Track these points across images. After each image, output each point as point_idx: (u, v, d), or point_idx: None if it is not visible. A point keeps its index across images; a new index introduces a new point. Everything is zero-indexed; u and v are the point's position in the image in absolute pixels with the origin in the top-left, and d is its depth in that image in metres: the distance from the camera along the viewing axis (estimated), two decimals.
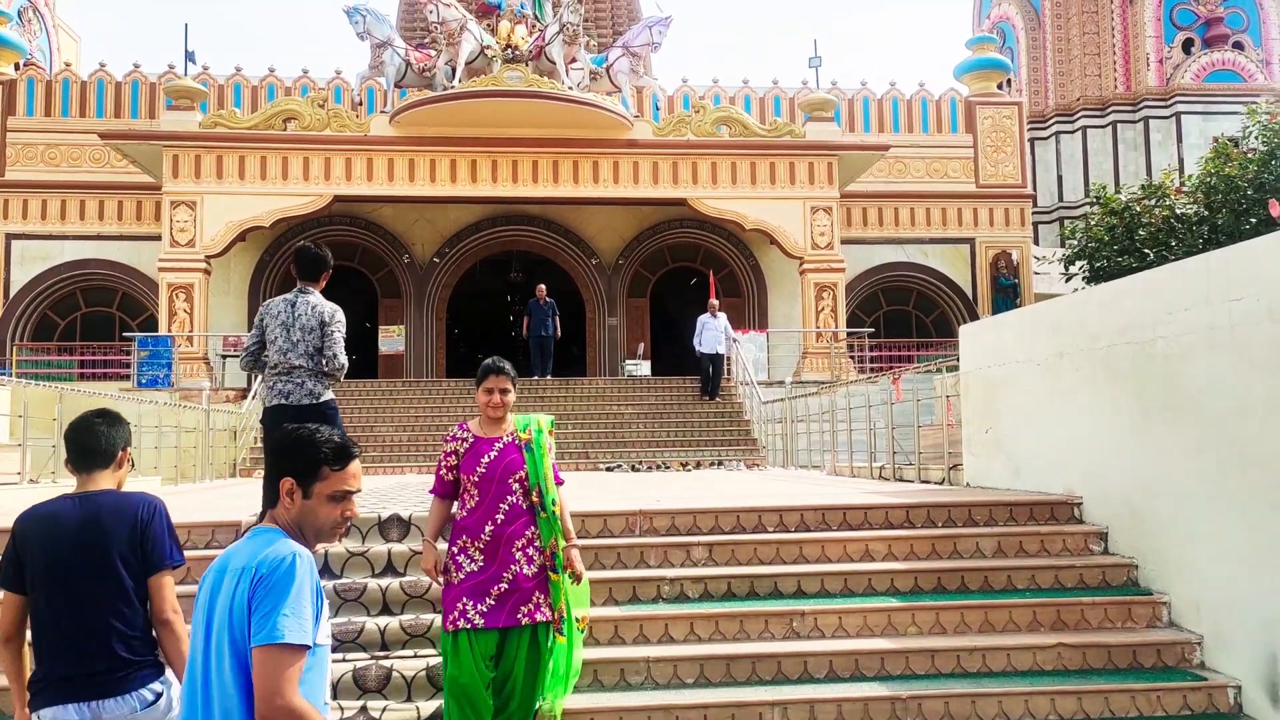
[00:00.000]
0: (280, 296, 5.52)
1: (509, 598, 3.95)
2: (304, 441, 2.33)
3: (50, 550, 3.05)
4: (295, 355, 5.31)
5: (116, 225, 20.54)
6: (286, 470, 2.32)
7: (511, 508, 4.03)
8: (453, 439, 4.23)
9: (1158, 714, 4.76)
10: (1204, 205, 19.81)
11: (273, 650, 2.06)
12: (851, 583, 5.53)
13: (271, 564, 2.16)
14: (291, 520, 2.31)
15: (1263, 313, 4.58)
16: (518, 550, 3.99)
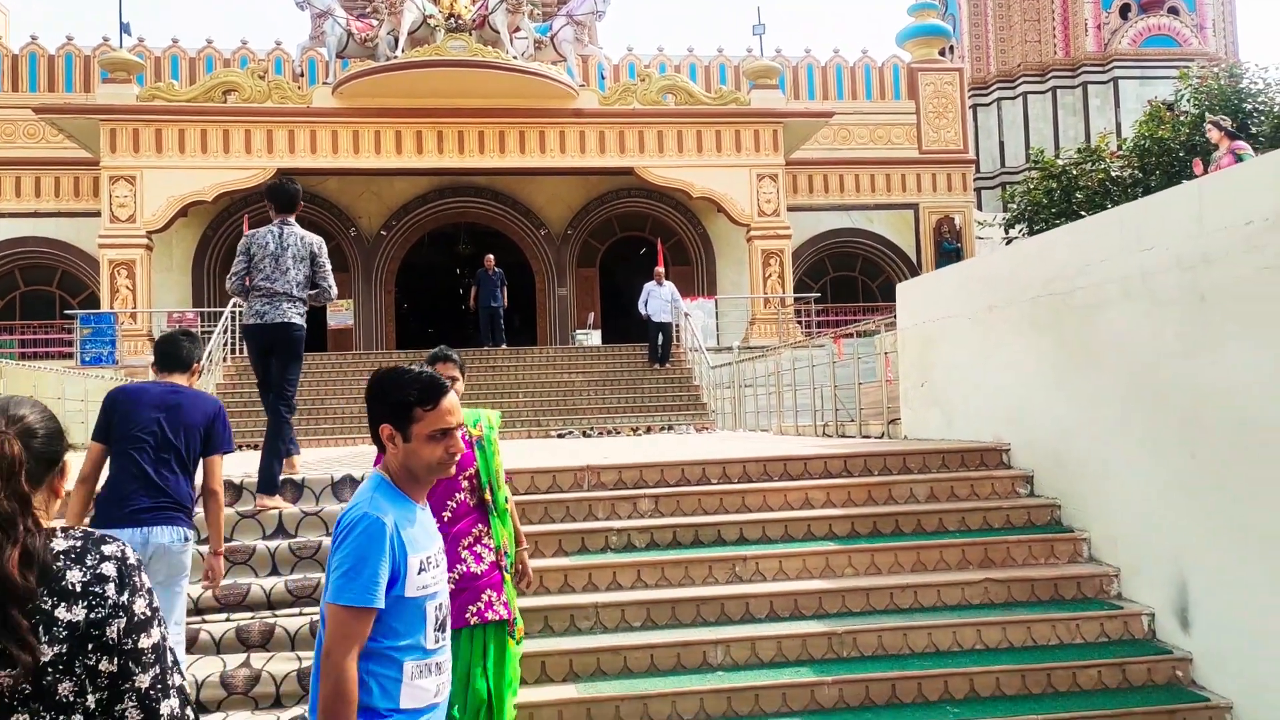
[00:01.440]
0: (265, 228, 5.80)
1: (456, 597, 3.68)
2: (391, 384, 2.32)
3: (139, 414, 4.04)
4: (282, 283, 5.69)
5: (54, 202, 20.15)
6: (383, 416, 2.31)
7: (459, 505, 3.82)
8: None
9: (1077, 641, 5.06)
10: (1138, 168, 20.36)
11: (334, 609, 2.14)
12: (792, 529, 5.76)
13: (343, 522, 2.22)
14: (400, 464, 2.32)
15: (1171, 261, 4.85)
16: (464, 549, 3.78)
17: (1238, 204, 4.42)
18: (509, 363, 17.36)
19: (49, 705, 1.48)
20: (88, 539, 1.60)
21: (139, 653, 1.56)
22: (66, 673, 1.50)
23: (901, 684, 4.72)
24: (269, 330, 5.68)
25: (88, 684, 1.52)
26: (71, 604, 1.52)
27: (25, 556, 1.49)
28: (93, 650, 1.52)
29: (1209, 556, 4.75)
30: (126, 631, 1.56)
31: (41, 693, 1.48)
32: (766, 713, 4.60)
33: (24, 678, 1.45)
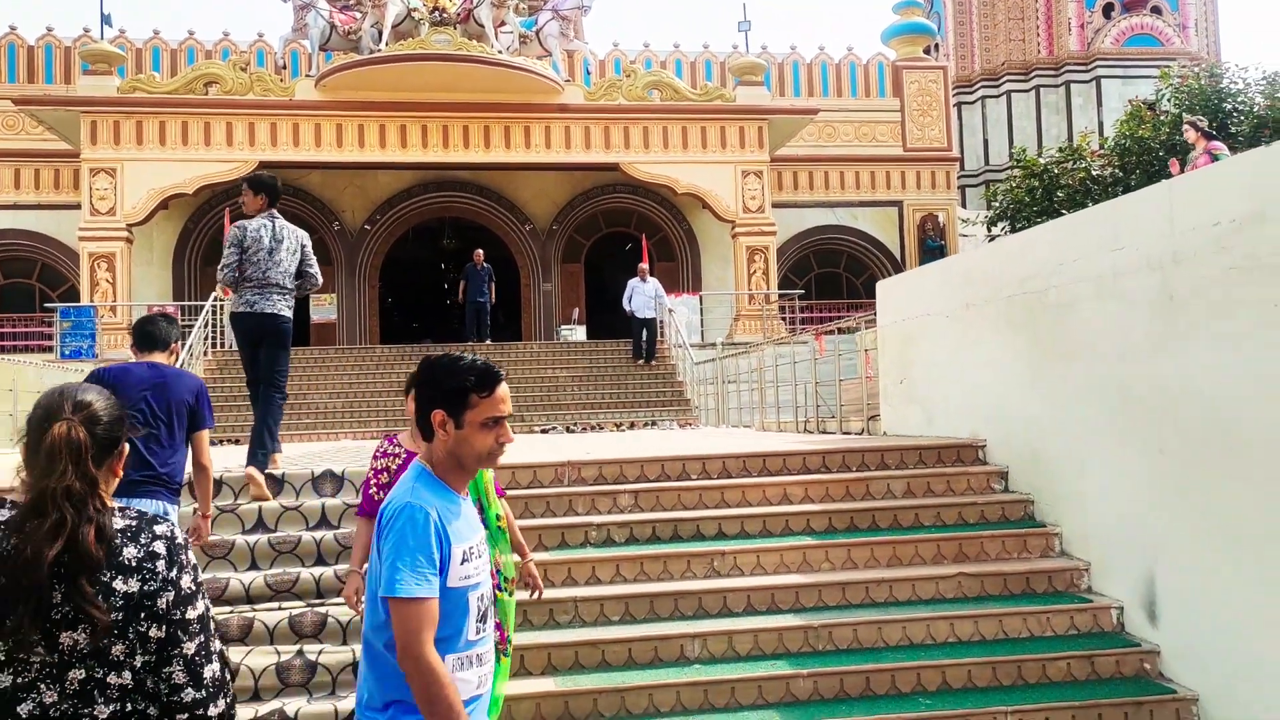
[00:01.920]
0: (255, 220, 5.97)
1: None
2: (446, 370, 2.29)
3: (127, 394, 4.06)
4: (276, 274, 5.94)
5: (34, 194, 20.00)
6: (437, 401, 2.28)
7: None
8: (382, 454, 3.87)
9: (1047, 634, 5.14)
10: (1119, 167, 20.52)
11: (397, 603, 2.12)
12: (770, 524, 5.81)
13: (389, 512, 2.21)
14: (448, 451, 2.30)
15: (1142, 261, 4.93)
16: None
17: (1207, 205, 4.49)
18: (493, 358, 17.21)
19: (102, 663, 1.72)
20: (142, 519, 1.83)
21: (186, 623, 1.79)
22: (120, 636, 1.73)
23: (875, 676, 4.79)
24: (259, 319, 5.91)
25: (137, 647, 1.74)
26: (127, 577, 1.74)
27: (99, 532, 1.71)
28: (144, 619, 1.75)
29: (1176, 551, 4.83)
30: (175, 604, 1.78)
31: (97, 651, 1.71)
32: (742, 705, 4.66)
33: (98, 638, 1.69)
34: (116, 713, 1.74)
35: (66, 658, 1.71)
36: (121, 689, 1.74)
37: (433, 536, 2.17)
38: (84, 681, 1.72)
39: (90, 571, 1.69)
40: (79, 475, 1.74)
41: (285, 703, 4.42)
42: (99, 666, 1.73)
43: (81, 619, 1.70)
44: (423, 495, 2.23)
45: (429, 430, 2.30)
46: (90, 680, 1.72)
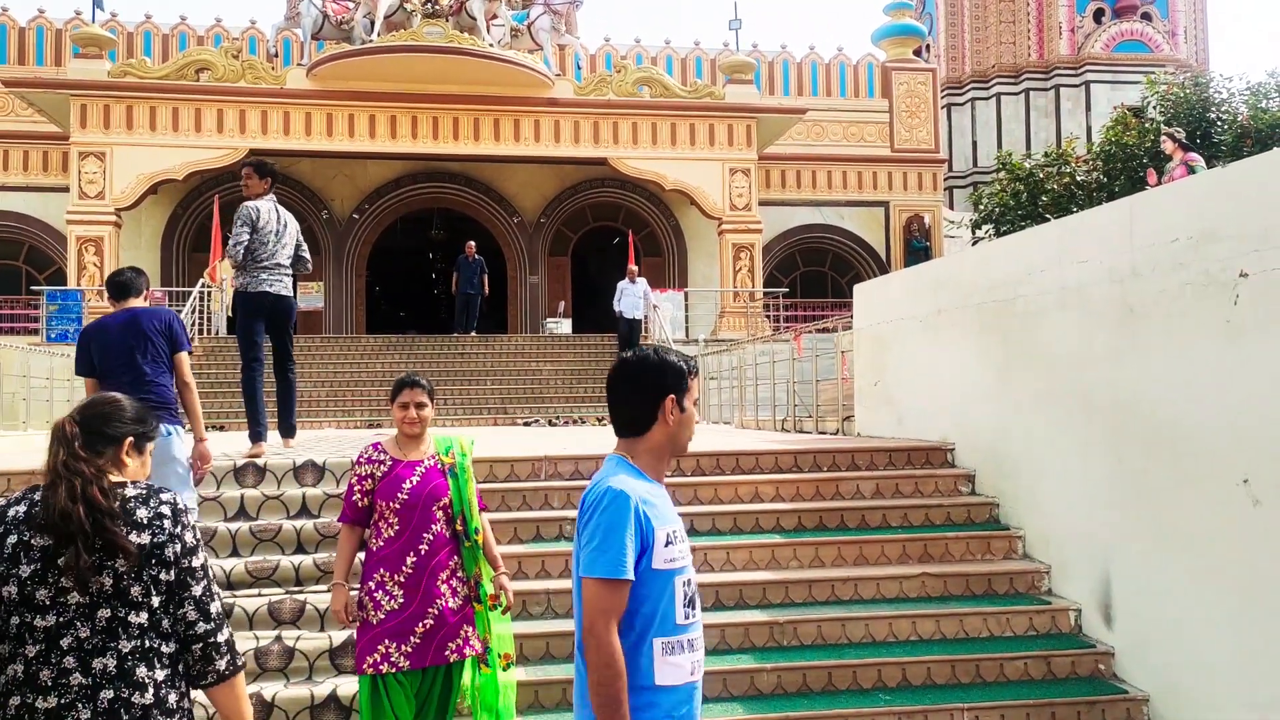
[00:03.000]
0: (260, 204, 6.42)
1: (435, 634, 3.66)
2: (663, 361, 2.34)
3: (111, 340, 4.73)
4: (282, 256, 6.46)
5: (22, 176, 19.96)
6: (668, 388, 2.32)
7: (436, 537, 3.71)
8: (367, 460, 3.81)
9: (1006, 634, 5.30)
10: (1103, 173, 20.73)
11: (589, 583, 2.16)
12: (741, 522, 5.95)
13: (592, 498, 2.24)
14: (669, 436, 2.33)
15: (1104, 273, 5.08)
16: (442, 583, 3.69)
17: (1165, 222, 4.64)
18: (478, 350, 17.45)
19: (125, 603, 2.15)
20: (150, 489, 2.29)
21: (192, 569, 2.23)
22: (136, 579, 2.17)
23: (837, 672, 4.94)
24: (274, 299, 6.46)
25: (152, 588, 2.18)
26: (140, 531, 2.19)
27: (101, 491, 2.17)
28: (156, 565, 2.19)
29: (1131, 555, 4.99)
30: (182, 554, 2.22)
31: (120, 593, 2.15)
32: (707, 698, 4.78)
33: (120, 581, 2.14)
34: (136, 648, 2.16)
35: (96, 599, 2.14)
36: (140, 627, 2.16)
37: (633, 520, 2.19)
38: (109, 619, 2.14)
39: (110, 518, 2.14)
40: (69, 455, 2.22)
41: (263, 687, 4.54)
42: (121, 606, 2.15)
43: (106, 566, 2.13)
44: (625, 481, 2.24)
45: (645, 422, 2.33)
46: (115, 618, 2.15)
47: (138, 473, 2.40)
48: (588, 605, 2.17)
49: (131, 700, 2.15)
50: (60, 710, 2.13)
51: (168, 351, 4.82)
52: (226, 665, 2.32)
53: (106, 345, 4.78)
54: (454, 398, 15.61)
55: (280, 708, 4.43)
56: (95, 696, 2.13)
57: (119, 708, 2.14)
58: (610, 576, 2.15)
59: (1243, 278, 4.12)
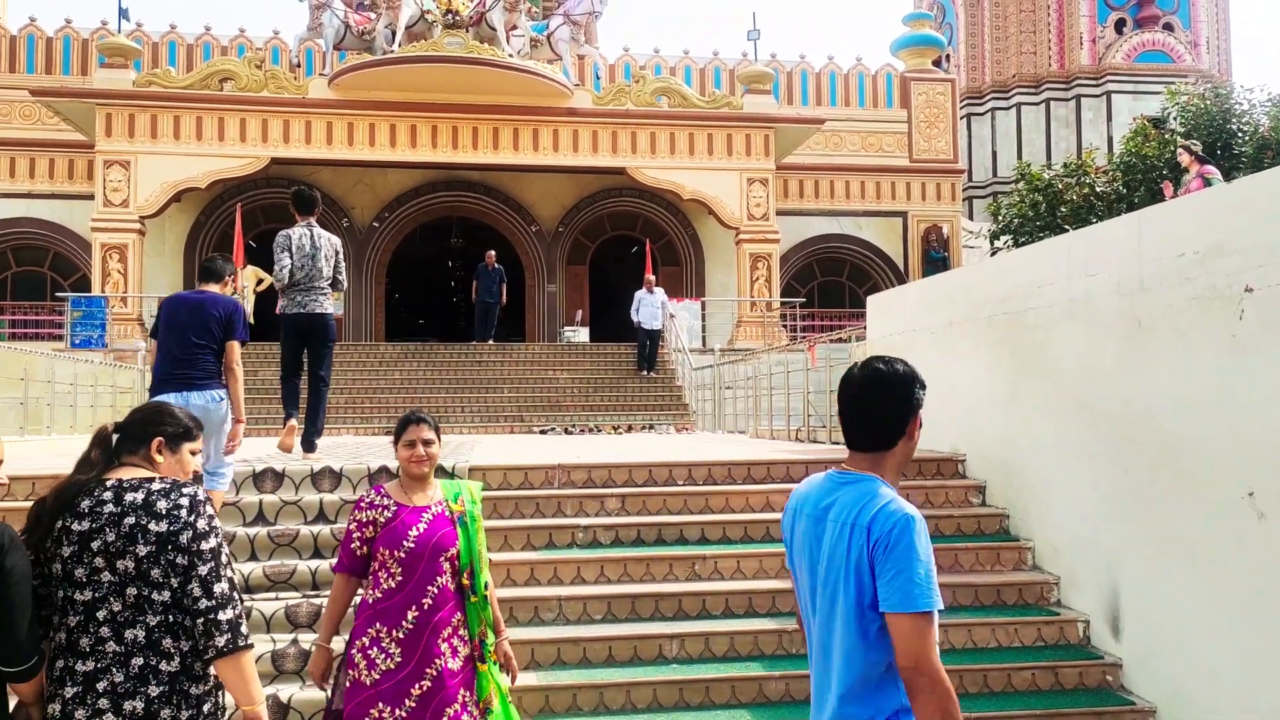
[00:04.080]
0: (296, 230, 6.90)
1: (431, 699, 3.32)
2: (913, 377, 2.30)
3: (177, 314, 5.38)
4: (320, 278, 6.90)
5: (48, 184, 20.27)
6: (914, 409, 2.27)
7: (441, 591, 3.41)
8: (368, 505, 3.51)
9: (1015, 645, 5.33)
10: (1123, 184, 20.65)
11: (910, 618, 2.05)
12: (751, 530, 6.01)
13: (886, 525, 2.11)
14: (905, 456, 2.29)
15: (1112, 287, 5.11)
16: (443, 641, 3.38)
17: (1172, 237, 4.68)
18: (496, 358, 17.58)
19: (147, 583, 2.46)
20: (174, 485, 2.57)
21: (200, 552, 2.49)
22: (155, 563, 2.46)
23: None
24: (310, 319, 6.89)
25: (169, 571, 2.47)
26: (159, 520, 2.48)
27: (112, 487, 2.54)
28: (171, 550, 2.47)
29: (1139, 567, 5.01)
30: (192, 539, 2.49)
31: (143, 574, 2.45)
32: (716, 704, 4.85)
33: (141, 564, 2.46)
34: (162, 622, 2.48)
35: (123, 578, 2.45)
36: (164, 604, 2.47)
37: (926, 547, 2.12)
38: (137, 596, 2.46)
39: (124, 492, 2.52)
40: (102, 453, 2.65)
41: (279, 689, 4.62)
42: (145, 585, 2.46)
43: (129, 550, 2.45)
44: (904, 504, 2.15)
45: (893, 437, 2.27)
46: (141, 596, 2.46)
47: (171, 470, 2.68)
48: (911, 641, 2.04)
49: (159, 667, 2.46)
50: (96, 674, 2.43)
51: (221, 337, 5.37)
52: (226, 642, 2.49)
53: (173, 317, 5.43)
54: (471, 405, 15.72)
55: (296, 709, 4.52)
56: (127, 663, 2.44)
57: (148, 674, 2.45)
58: (934, 609, 2.05)
59: (1248, 292, 4.15)
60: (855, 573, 2.14)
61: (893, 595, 2.07)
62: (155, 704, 2.44)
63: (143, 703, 2.43)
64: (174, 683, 2.46)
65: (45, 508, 2.54)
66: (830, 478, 2.31)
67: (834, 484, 2.29)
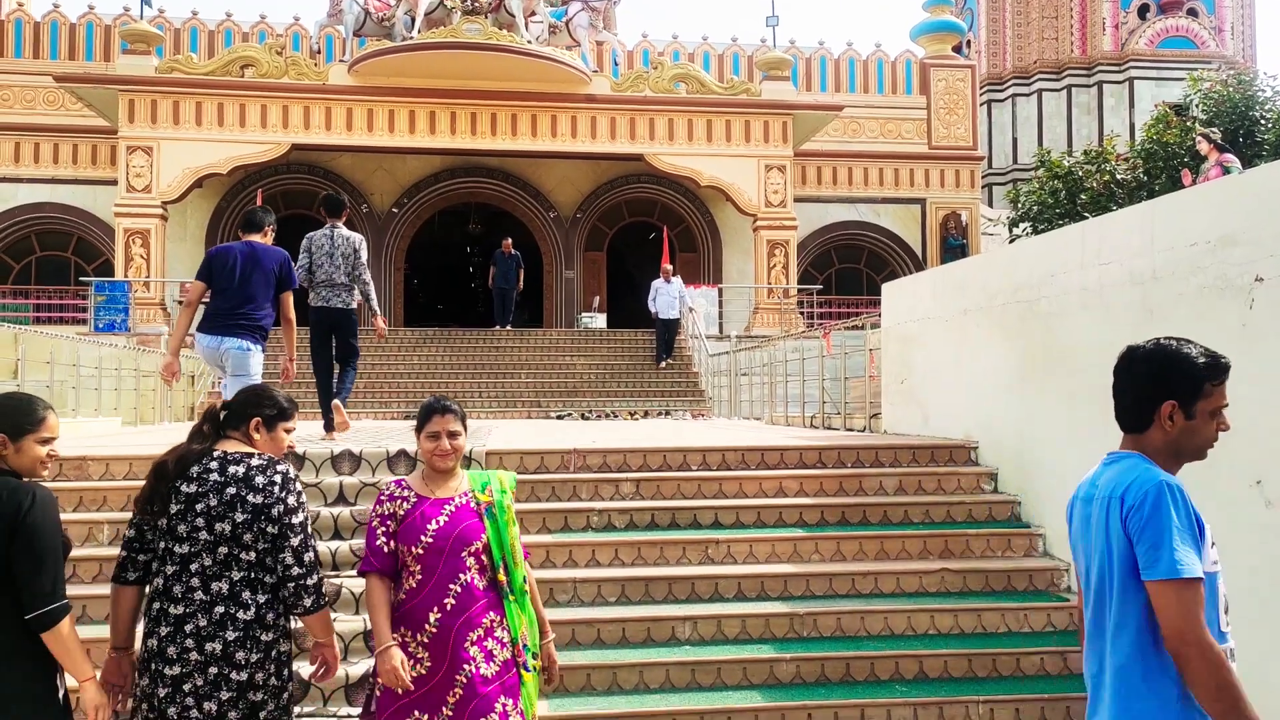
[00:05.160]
0: (318, 232, 7.39)
1: (465, 707, 3.09)
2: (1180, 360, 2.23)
3: (226, 263, 5.96)
4: (338, 275, 7.34)
5: (71, 169, 20.50)
6: (1168, 392, 2.22)
7: (465, 589, 3.16)
8: (389, 497, 3.29)
9: (1024, 630, 5.38)
10: (1143, 171, 20.51)
11: (1170, 585, 2.02)
12: (764, 516, 6.08)
13: (1139, 495, 2.11)
14: (1167, 443, 2.24)
15: (1125, 276, 5.13)
16: (471, 644, 3.13)
17: (1184, 226, 4.70)
18: (514, 343, 17.69)
19: (239, 545, 2.91)
20: (270, 462, 3.02)
21: (292, 525, 2.96)
22: (248, 529, 2.91)
23: (855, 663, 5.05)
24: (333, 313, 7.39)
25: (259, 537, 2.92)
26: (256, 493, 2.93)
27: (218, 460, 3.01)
28: (264, 520, 2.92)
29: None
30: (284, 513, 2.95)
31: (236, 537, 2.90)
32: (727, 685, 4.94)
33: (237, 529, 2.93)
34: (244, 578, 2.92)
35: (217, 539, 2.90)
36: (249, 563, 2.92)
37: (1190, 514, 2.10)
38: (226, 555, 2.90)
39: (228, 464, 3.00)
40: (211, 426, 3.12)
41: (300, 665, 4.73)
42: (236, 547, 2.90)
43: (228, 516, 2.89)
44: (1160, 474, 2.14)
45: (1140, 422, 2.26)
46: (230, 555, 2.90)
47: (267, 447, 3.10)
48: (1173, 611, 2.02)
49: (236, 615, 2.89)
50: (184, 618, 2.87)
51: (275, 287, 5.97)
52: (312, 602, 3.04)
53: (224, 266, 5.94)
54: (489, 390, 15.85)
55: (316, 686, 4.63)
56: (210, 610, 2.87)
57: (226, 621, 2.88)
58: (1193, 576, 2.02)
59: (1259, 282, 4.18)
60: (1115, 547, 2.15)
61: (1150, 564, 2.06)
62: (231, 646, 2.87)
63: (220, 645, 2.86)
64: (248, 630, 2.89)
65: (167, 470, 2.97)
66: (1104, 460, 2.33)
67: (1104, 465, 2.30)
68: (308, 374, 7.92)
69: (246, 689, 2.90)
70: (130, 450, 6.29)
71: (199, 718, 2.85)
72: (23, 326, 13.24)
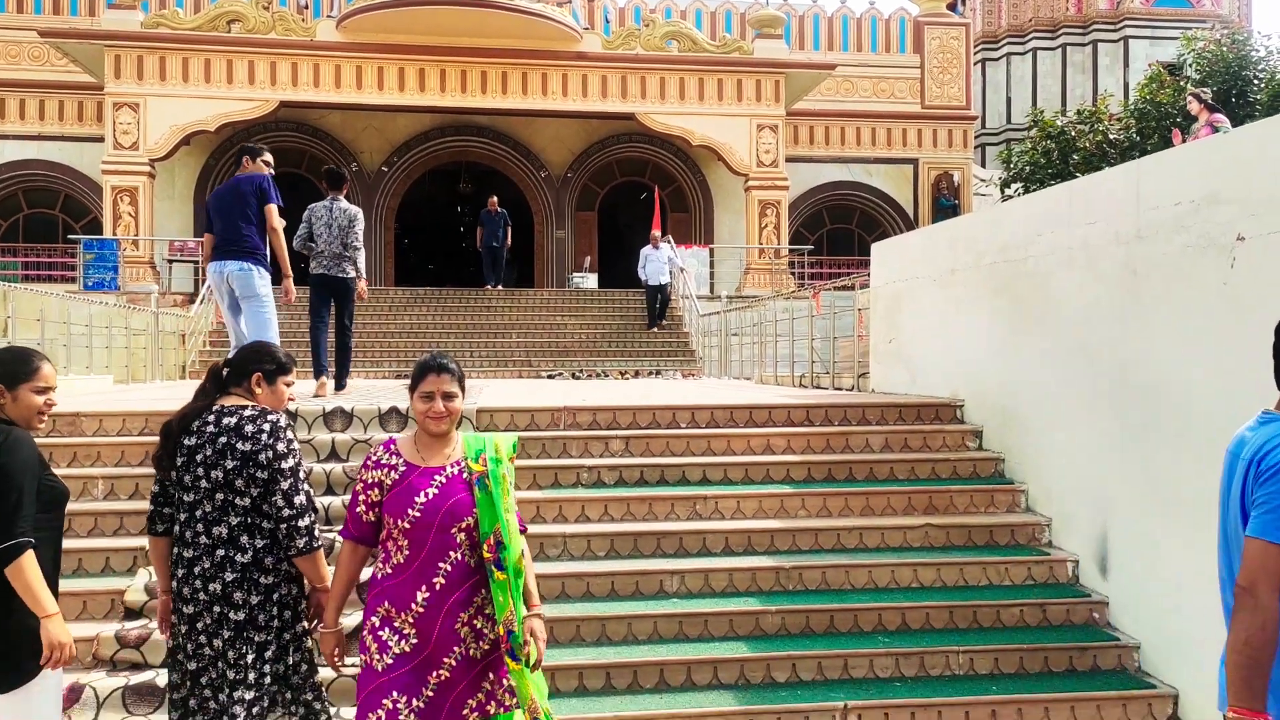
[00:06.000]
0: (321, 203, 7.76)
1: (450, 690, 2.93)
2: None
3: (219, 201, 6.73)
4: (335, 245, 7.65)
5: (58, 126, 20.30)
6: None
7: (455, 567, 2.95)
8: (376, 464, 3.06)
9: (1005, 583, 5.49)
10: (1135, 131, 20.45)
11: (1261, 544, 2.08)
12: (752, 472, 6.16)
13: (1271, 460, 2.12)
14: None
15: (1111, 236, 5.18)
16: (462, 625, 2.94)
17: (1170, 186, 4.74)
18: (504, 303, 17.69)
19: (233, 490, 3.07)
20: (262, 412, 3.16)
21: (280, 470, 3.09)
22: (239, 475, 3.06)
23: (839, 615, 5.15)
24: (332, 281, 7.72)
25: (251, 483, 3.07)
26: (244, 440, 3.08)
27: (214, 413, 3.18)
28: (253, 466, 3.07)
29: (1128, 510, 5.15)
30: (273, 459, 3.08)
31: (229, 483, 3.07)
32: (714, 636, 5.04)
33: (228, 475, 3.08)
34: (242, 523, 3.08)
35: (214, 486, 3.08)
36: (244, 508, 3.08)
37: None
38: (223, 501, 3.08)
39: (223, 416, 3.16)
40: (213, 384, 3.28)
41: None
42: (230, 493, 3.07)
43: (220, 464, 3.06)
44: None
45: None
46: (226, 501, 3.08)
47: (268, 400, 3.26)
48: (1253, 565, 2.09)
49: (235, 559, 3.06)
50: (193, 560, 3.08)
51: (257, 206, 6.43)
52: (305, 544, 3.13)
53: (217, 203, 6.59)
54: (480, 350, 15.88)
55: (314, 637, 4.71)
56: (212, 553, 3.06)
57: (225, 563, 3.06)
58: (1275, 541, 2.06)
59: (1240, 241, 4.23)
60: (1241, 507, 2.20)
61: (1255, 521, 2.12)
62: (229, 587, 3.05)
63: (220, 585, 3.04)
64: (245, 572, 3.06)
65: (172, 429, 3.18)
66: (1258, 417, 2.32)
67: (1254, 425, 2.31)
68: (300, 333, 8.31)
69: (246, 628, 3.06)
70: (123, 407, 6.34)
71: (210, 654, 3.07)
72: (12, 284, 13.19)
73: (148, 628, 4.63)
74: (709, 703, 4.60)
